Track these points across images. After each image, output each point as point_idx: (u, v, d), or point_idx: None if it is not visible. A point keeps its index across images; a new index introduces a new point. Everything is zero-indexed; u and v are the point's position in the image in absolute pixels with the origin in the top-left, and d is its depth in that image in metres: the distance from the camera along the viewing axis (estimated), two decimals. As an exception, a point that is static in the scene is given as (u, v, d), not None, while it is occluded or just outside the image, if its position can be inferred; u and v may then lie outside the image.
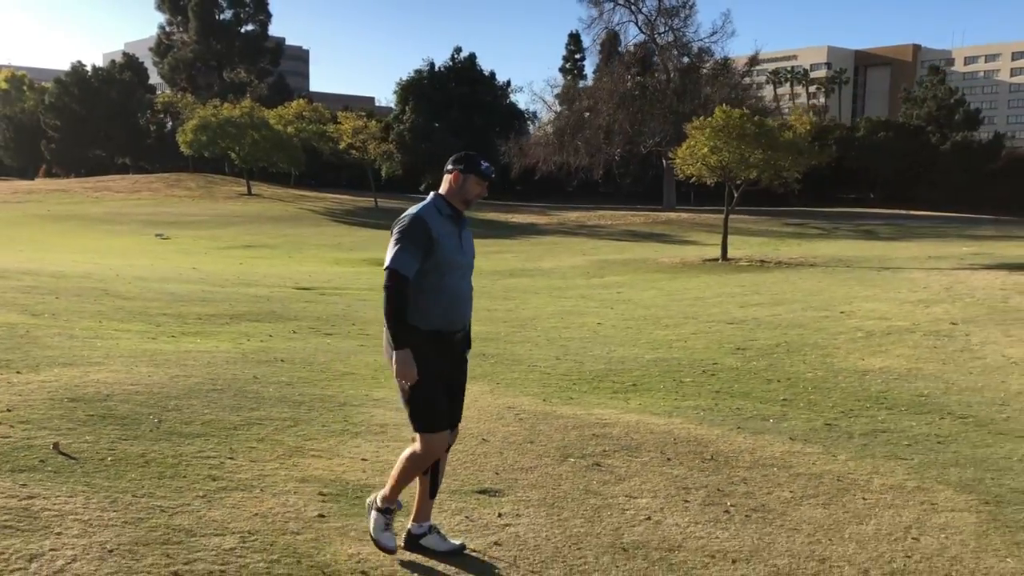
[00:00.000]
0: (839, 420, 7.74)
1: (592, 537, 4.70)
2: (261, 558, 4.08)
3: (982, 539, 4.96)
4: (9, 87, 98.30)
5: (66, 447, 5.46)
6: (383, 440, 6.38)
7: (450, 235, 4.18)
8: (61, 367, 7.92)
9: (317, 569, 4.02)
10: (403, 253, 4.03)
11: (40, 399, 6.62)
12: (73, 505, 4.52)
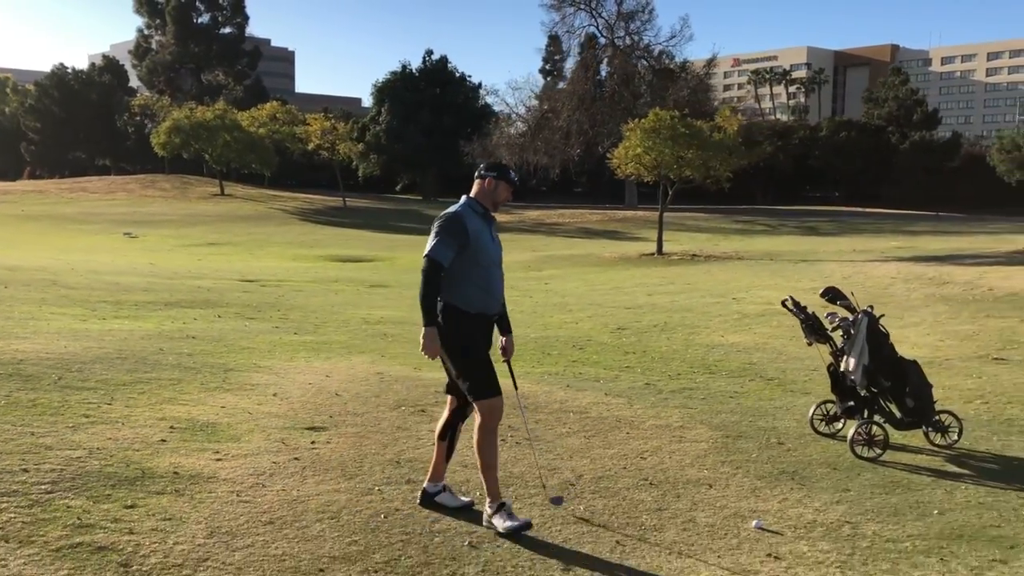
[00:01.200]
0: (659, 381, 9.00)
1: (377, 455, 5.92)
2: (99, 464, 5.28)
3: (698, 459, 6.21)
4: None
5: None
6: (250, 395, 7.56)
7: (483, 231, 4.74)
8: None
9: (140, 470, 5.23)
10: (441, 244, 4.59)
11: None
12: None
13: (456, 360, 4.72)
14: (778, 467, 6.08)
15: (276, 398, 7.47)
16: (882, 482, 5.80)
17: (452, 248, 4.60)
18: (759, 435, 6.93)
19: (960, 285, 15.79)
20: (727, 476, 5.85)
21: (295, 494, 5.01)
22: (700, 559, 4.45)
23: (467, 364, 4.71)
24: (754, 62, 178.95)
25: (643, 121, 25.07)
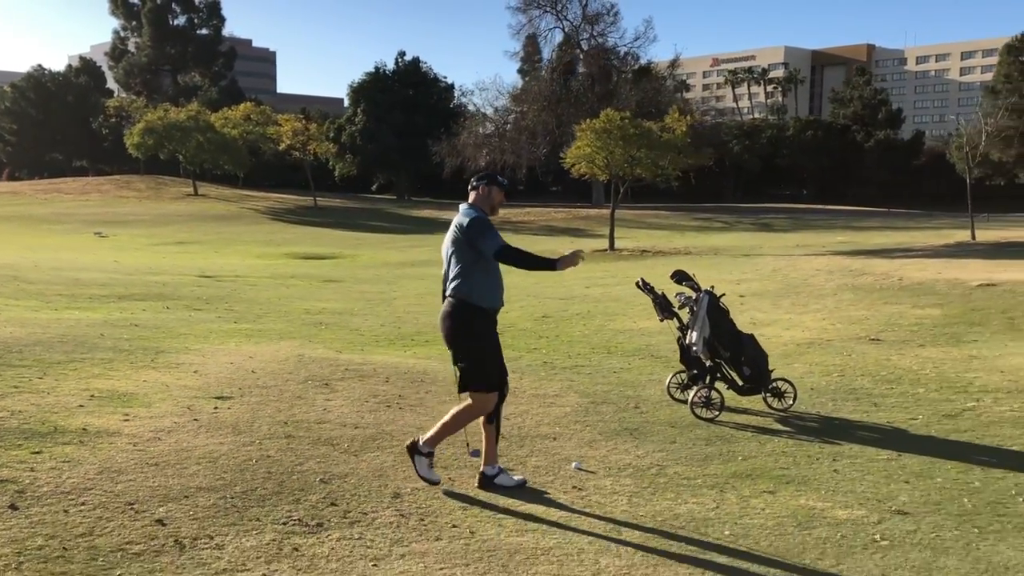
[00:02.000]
0: (557, 360, 9.88)
1: (269, 418, 6.75)
2: (17, 422, 6.10)
3: (556, 420, 7.08)
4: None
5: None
6: (172, 372, 8.37)
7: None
8: (-63, 325, 9.89)
9: (53, 427, 6.05)
10: (493, 236, 5.08)
11: (-91, 344, 8.60)
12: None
13: (468, 351, 5.17)
14: (623, 426, 6.97)
15: (196, 374, 8.29)
16: (707, 436, 6.70)
17: (497, 234, 5.10)
18: (621, 401, 7.82)
19: (875, 276, 16.75)
20: (573, 432, 6.73)
21: (184, 445, 5.84)
22: (515, 489, 5.32)
23: (477, 357, 5.18)
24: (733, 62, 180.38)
25: (594, 122, 25.98)
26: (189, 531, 4.35)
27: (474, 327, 5.18)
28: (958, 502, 5.28)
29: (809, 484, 5.60)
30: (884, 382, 8.67)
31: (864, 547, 4.57)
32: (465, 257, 5.20)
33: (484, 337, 5.22)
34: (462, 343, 5.21)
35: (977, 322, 11.87)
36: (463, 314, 5.18)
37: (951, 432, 6.92)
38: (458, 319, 5.18)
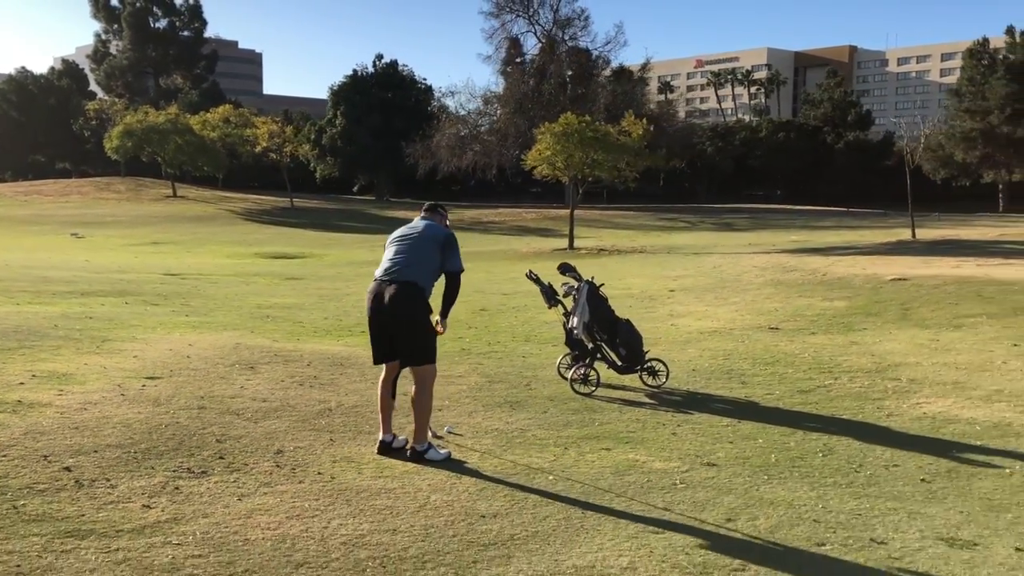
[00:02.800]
0: (475, 348, 10.73)
1: (189, 393, 7.59)
2: (-39, 395, 6.94)
3: (450, 395, 7.93)
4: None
5: None
6: (113, 357, 9.18)
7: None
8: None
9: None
10: (459, 256, 6.08)
11: None
12: None
13: (426, 329, 5.95)
14: (507, 399, 7.84)
15: (135, 359, 9.12)
16: (578, 408, 7.58)
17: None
18: (516, 380, 8.70)
19: (804, 272, 17.68)
20: (461, 405, 7.60)
21: (106, 414, 6.68)
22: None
23: (433, 337, 6.02)
24: (716, 63, 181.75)
25: (553, 125, 26.88)
26: (90, 475, 5.20)
27: (427, 309, 5.97)
28: (765, 458, 6.18)
29: (644, 444, 6.49)
30: (761, 364, 9.58)
31: (662, 488, 5.46)
32: (429, 257, 6.02)
33: (430, 319, 6.02)
34: (421, 321, 5.93)
35: (874, 312, 12.80)
36: (421, 297, 5.92)
37: (798, 405, 7.83)
38: (419, 301, 5.90)
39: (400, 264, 6.02)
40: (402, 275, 5.94)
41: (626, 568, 4.20)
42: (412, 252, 6.06)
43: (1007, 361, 9.35)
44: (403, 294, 5.87)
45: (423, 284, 5.96)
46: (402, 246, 6.16)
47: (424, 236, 6.14)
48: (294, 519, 4.66)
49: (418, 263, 6.00)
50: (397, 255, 6.11)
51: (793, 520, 4.95)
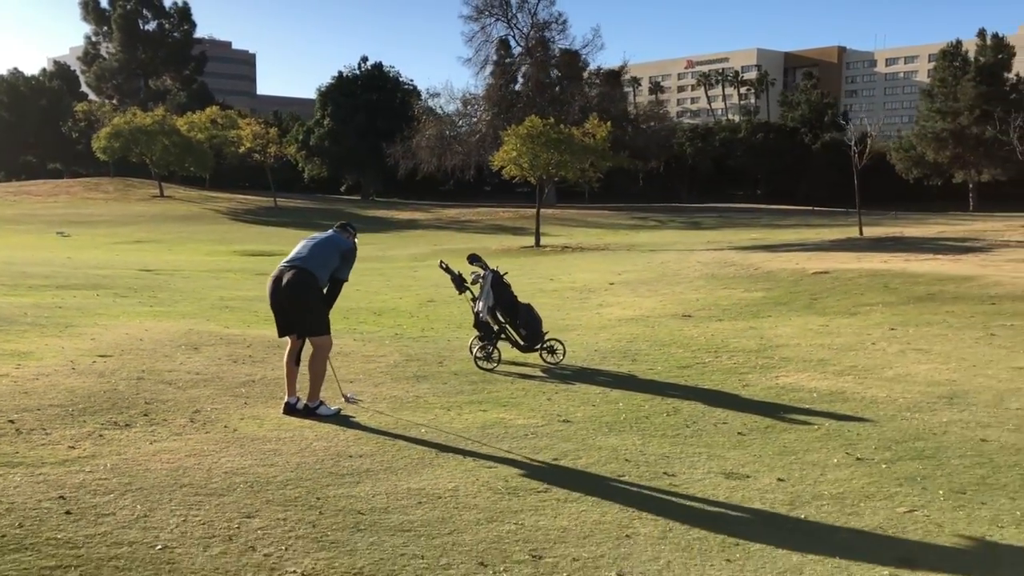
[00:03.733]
0: (408, 333, 11.76)
1: (131, 368, 8.60)
2: (-71, 368, 7.96)
3: (367, 370, 8.96)
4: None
5: None
6: (73, 340, 10.19)
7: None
8: None
9: (-45, 371, 7.91)
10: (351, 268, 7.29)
11: None
12: None
13: (319, 307, 7.03)
14: (417, 374, 8.87)
15: (91, 341, 10.13)
16: (476, 380, 8.62)
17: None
18: (431, 359, 9.72)
19: (741, 267, 18.73)
20: (372, 377, 8.63)
21: (55, 383, 7.70)
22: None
23: (323, 310, 7.11)
24: (707, 64, 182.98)
25: (519, 127, 27.94)
26: (30, 426, 6.23)
27: (318, 293, 7.08)
28: (616, 416, 7.23)
29: (518, 406, 7.54)
30: (658, 345, 10.64)
31: (514, 437, 6.50)
32: (330, 258, 7.15)
33: (322, 299, 7.16)
34: (315, 301, 7.06)
35: (784, 302, 13.88)
36: (314, 283, 7.02)
37: (673, 377, 8.88)
38: (312, 285, 6.99)
39: (304, 256, 7.10)
40: (303, 264, 7.01)
41: (451, 490, 5.25)
42: (317, 249, 7.16)
43: (876, 343, 10.42)
44: (298, 278, 6.93)
45: (318, 275, 7.03)
46: (310, 243, 7.24)
47: (332, 240, 7.29)
48: (191, 457, 5.70)
49: (319, 258, 7.09)
50: (303, 249, 7.18)
51: (609, 459, 6.00)
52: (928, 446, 6.33)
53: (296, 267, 7.01)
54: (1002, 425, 6.87)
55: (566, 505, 5.05)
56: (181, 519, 4.52)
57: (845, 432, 6.73)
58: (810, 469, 5.84)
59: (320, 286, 7.08)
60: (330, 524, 4.58)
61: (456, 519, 4.74)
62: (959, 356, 9.51)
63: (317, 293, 7.05)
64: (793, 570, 4.23)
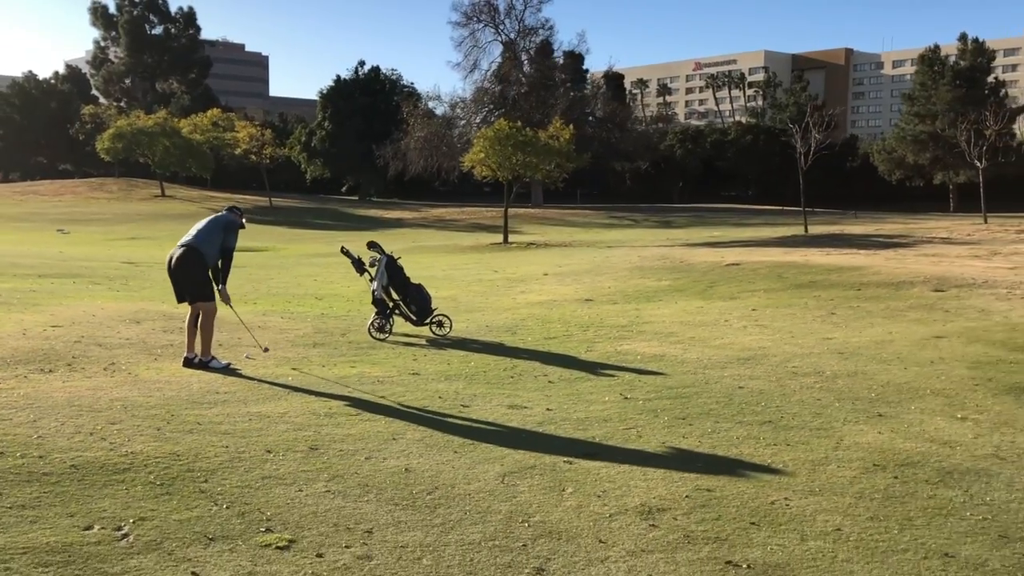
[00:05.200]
0: (336, 314, 13.35)
1: (76, 335, 10.21)
2: (-97, 331, 9.58)
3: (277, 341, 10.56)
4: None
5: None
6: (33, 314, 11.80)
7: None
8: None
9: (-76, 334, 9.53)
10: (236, 240, 8.86)
11: None
12: None
13: (204, 278, 8.60)
14: (316, 342, 10.43)
15: (50, 315, 11.74)
16: (366, 347, 10.18)
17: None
18: (337, 332, 11.28)
19: (669, 260, 20.22)
20: (278, 346, 10.18)
21: (4, 343, 9.31)
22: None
23: (205, 281, 8.65)
24: (715, 65, 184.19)
25: (487, 130, 29.53)
26: (-29, 370, 7.83)
27: (204, 265, 8.66)
28: (460, 370, 8.77)
29: (382, 364, 9.11)
30: (543, 323, 12.18)
31: (361, 383, 8.05)
32: (214, 235, 8.73)
33: (207, 272, 8.72)
34: (194, 273, 8.64)
35: (682, 289, 15.39)
36: (200, 259, 8.63)
37: (533, 345, 10.41)
38: (198, 262, 8.61)
39: (192, 237, 8.71)
40: (190, 243, 8.61)
41: (280, 413, 6.81)
42: (202, 231, 8.76)
43: (729, 320, 11.95)
44: (185, 255, 8.59)
45: (204, 251, 8.63)
46: (199, 225, 8.84)
47: (215, 221, 8.90)
48: (90, 391, 7.29)
49: (203, 237, 8.68)
50: (192, 232, 8.78)
51: (426, 397, 7.55)
52: (691, 391, 7.85)
53: (185, 246, 8.63)
54: (767, 377, 8.39)
55: (362, 423, 6.61)
56: (60, 423, 6.11)
57: (634, 382, 8.26)
58: (579, 404, 7.38)
59: (206, 261, 8.65)
60: (171, 428, 6.16)
61: (269, 429, 6.31)
62: (789, 330, 11.02)
63: (201, 267, 8.64)
64: (502, 459, 5.76)
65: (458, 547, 4.27)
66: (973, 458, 5.84)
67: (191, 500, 4.72)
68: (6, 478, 4.87)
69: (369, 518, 4.60)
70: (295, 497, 4.87)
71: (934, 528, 4.63)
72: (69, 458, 5.29)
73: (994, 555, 4.30)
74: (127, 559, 3.91)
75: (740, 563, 4.16)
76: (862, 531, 4.58)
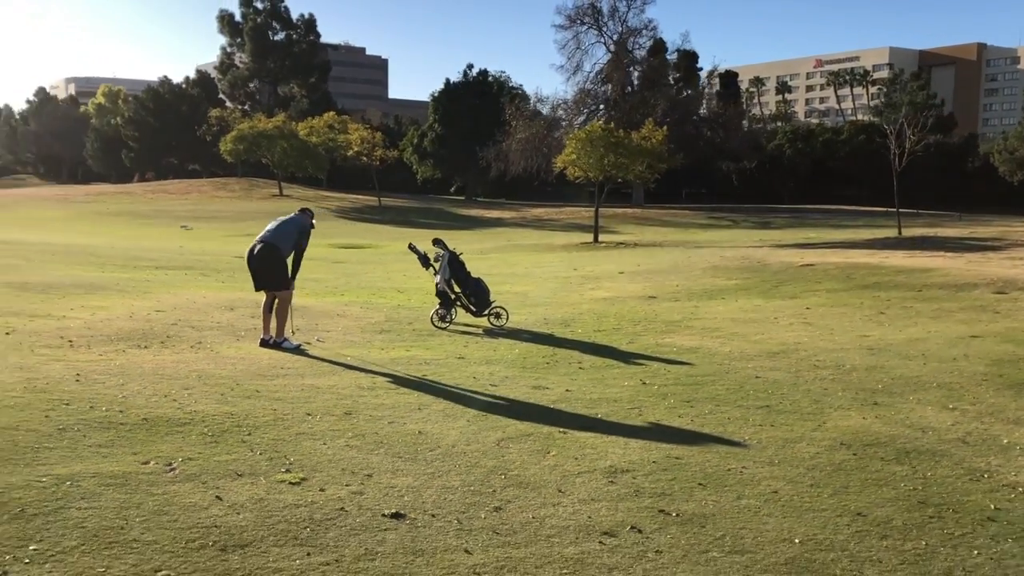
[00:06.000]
0: (389, 303, 14.40)
1: (173, 318, 11.54)
2: (30, 317, 11.10)
3: (346, 329, 11.65)
4: (105, 101, 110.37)
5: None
6: (141, 300, 13.26)
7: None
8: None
9: (48, 314, 11.02)
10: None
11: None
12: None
13: (283, 270, 9.83)
14: (384, 330, 11.45)
15: (156, 301, 13.13)
16: (425, 333, 11.15)
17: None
18: (404, 321, 12.28)
19: (748, 261, 20.50)
20: (350, 332, 11.28)
21: (112, 323, 10.64)
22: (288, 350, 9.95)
23: (285, 273, 9.91)
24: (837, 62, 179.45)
25: (579, 132, 30.28)
26: (80, 344, 9.11)
27: (281, 259, 9.85)
28: (504, 356, 9.62)
29: (433, 349, 10.04)
30: (599, 317, 12.90)
31: (411, 364, 9.00)
32: (290, 234, 9.95)
33: (283, 264, 9.89)
34: (274, 266, 9.85)
35: (747, 288, 15.81)
36: (278, 253, 9.85)
37: (582, 337, 11.16)
38: (275, 256, 9.83)
39: (269, 234, 9.85)
40: (268, 239, 9.75)
41: (329, 385, 7.80)
42: (279, 228, 9.89)
43: (778, 318, 12.39)
44: (263, 250, 9.73)
45: (279, 246, 9.75)
46: (275, 224, 9.97)
47: (292, 221, 10.02)
48: (174, 363, 8.46)
49: (281, 235, 9.81)
50: (270, 228, 9.91)
51: (463, 378, 8.41)
52: (707, 380, 8.47)
53: (263, 242, 9.76)
54: (786, 369, 8.92)
55: (396, 395, 7.54)
56: (143, 387, 7.26)
57: (660, 370, 8.92)
58: (598, 387, 8.11)
59: (282, 255, 9.78)
60: (233, 394, 7.23)
61: (315, 398, 7.30)
62: (831, 327, 11.42)
63: (279, 260, 9.76)
64: (506, 427, 6.58)
65: (438, 489, 5.12)
66: (939, 442, 6.32)
67: (232, 447, 5.73)
68: (91, 425, 5.99)
69: (373, 466, 5.50)
70: (319, 449, 5.81)
71: (863, 495, 5.21)
72: (143, 413, 6.40)
73: (902, 516, 4.86)
74: (169, 485, 4.92)
75: (671, 512, 4.87)
76: (796, 494, 5.20)
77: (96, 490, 4.73)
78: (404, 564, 4.06)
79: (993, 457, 5.96)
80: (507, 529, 4.56)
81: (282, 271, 9.84)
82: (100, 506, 4.50)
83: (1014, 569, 4.24)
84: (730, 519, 4.79)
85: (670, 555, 4.30)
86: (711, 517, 4.81)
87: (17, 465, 5.04)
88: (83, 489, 4.73)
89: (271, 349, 9.64)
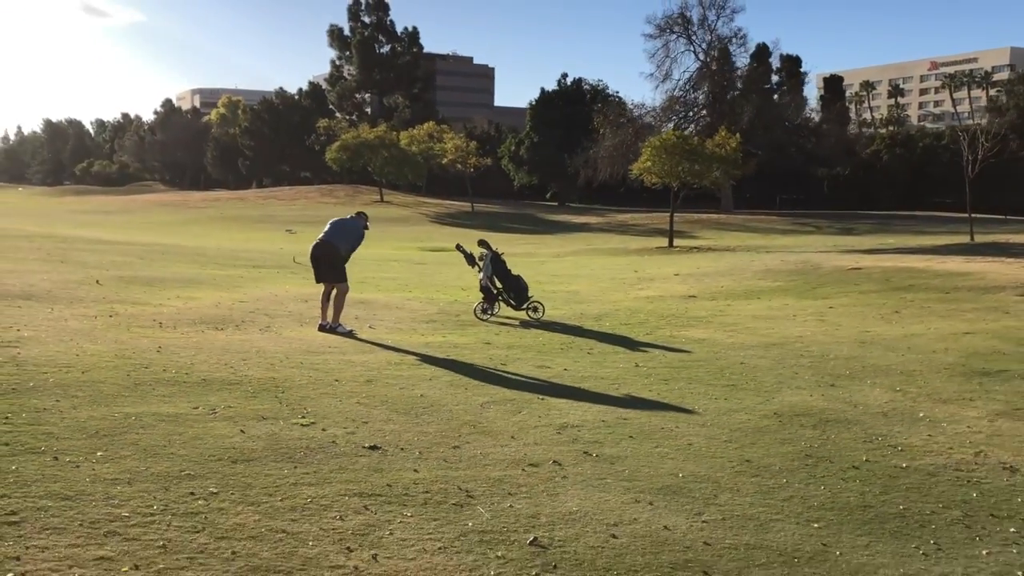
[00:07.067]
0: (446, 298, 15.83)
1: (251, 307, 13.25)
2: (141, 305, 13.00)
3: (400, 318, 13.15)
4: (226, 111, 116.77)
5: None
6: (229, 293, 15.08)
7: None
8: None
9: (146, 304, 12.89)
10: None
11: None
12: None
13: (339, 268, 11.51)
14: (430, 319, 12.86)
15: (242, 293, 14.96)
16: (467, 324, 12.53)
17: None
18: (453, 313, 13.71)
19: (806, 264, 21.13)
20: (401, 321, 12.75)
21: (200, 310, 12.40)
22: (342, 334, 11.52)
23: (343, 268, 11.57)
24: (953, 64, 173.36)
25: (654, 140, 31.23)
26: (169, 326, 10.85)
27: (340, 256, 11.45)
28: (529, 343, 10.91)
29: (467, 335, 11.40)
30: (632, 312, 14.03)
31: (442, 347, 10.39)
32: (350, 236, 11.61)
33: (342, 260, 11.48)
34: (338, 262, 11.46)
35: (788, 289, 16.62)
36: (336, 251, 11.47)
37: (607, 328, 12.34)
38: (334, 253, 11.45)
39: (329, 234, 11.45)
40: (327, 239, 11.36)
41: (363, 361, 9.24)
42: (337, 228, 11.50)
43: (796, 316, 13.27)
44: (326, 247, 11.33)
45: (337, 245, 11.34)
46: (335, 225, 11.59)
47: (349, 224, 11.61)
48: (241, 341, 10.07)
49: (340, 235, 11.40)
50: (330, 229, 11.52)
51: (484, 358, 9.73)
52: (696, 364, 9.57)
53: (323, 241, 11.37)
54: (772, 358, 9.91)
55: (416, 369, 8.93)
56: (208, 357, 8.86)
57: (658, 356, 10.06)
58: (594, 367, 9.32)
59: (340, 253, 11.36)
60: (280, 365, 8.76)
61: (348, 370, 8.75)
62: (840, 324, 12.27)
63: (338, 258, 11.35)
64: (494, 394, 7.88)
65: (415, 433, 6.47)
66: (861, 414, 7.31)
67: (265, 401, 7.22)
68: (160, 381, 7.59)
69: (372, 417, 6.89)
70: (333, 404, 7.24)
71: (760, 447, 6.31)
72: (203, 376, 7.97)
73: (782, 463, 5.95)
74: (208, 423, 6.42)
75: (592, 453, 6.08)
76: (704, 445, 6.34)
77: (152, 423, 6.27)
78: (364, 477, 5.43)
79: (898, 426, 6.93)
80: (455, 459, 5.88)
81: (340, 266, 11.39)
82: (152, 432, 6.04)
83: (843, 498, 5.31)
84: (638, 460, 5.97)
85: (573, 480, 5.53)
86: (622, 458, 6.00)
87: (99, 406, 6.64)
88: (143, 422, 6.28)
89: (327, 333, 11.19)
